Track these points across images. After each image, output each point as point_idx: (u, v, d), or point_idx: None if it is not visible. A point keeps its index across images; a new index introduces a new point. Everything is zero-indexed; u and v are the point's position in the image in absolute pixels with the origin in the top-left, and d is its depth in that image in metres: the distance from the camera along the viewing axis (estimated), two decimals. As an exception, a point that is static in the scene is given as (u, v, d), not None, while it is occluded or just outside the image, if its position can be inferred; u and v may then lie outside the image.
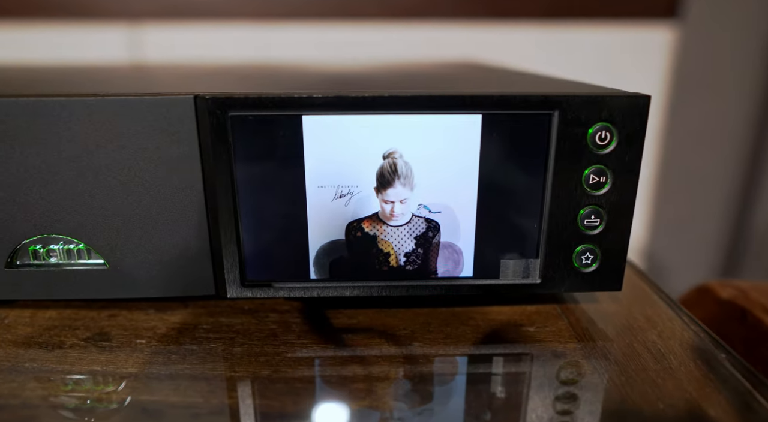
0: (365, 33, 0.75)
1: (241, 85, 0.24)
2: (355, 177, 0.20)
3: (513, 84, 0.26)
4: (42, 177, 0.20)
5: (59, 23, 0.74)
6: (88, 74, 0.31)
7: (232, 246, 0.21)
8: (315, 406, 0.18)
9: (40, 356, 0.21)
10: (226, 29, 0.75)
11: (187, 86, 0.22)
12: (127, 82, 0.26)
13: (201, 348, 0.22)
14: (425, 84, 0.26)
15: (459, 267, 0.22)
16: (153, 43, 0.76)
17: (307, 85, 0.25)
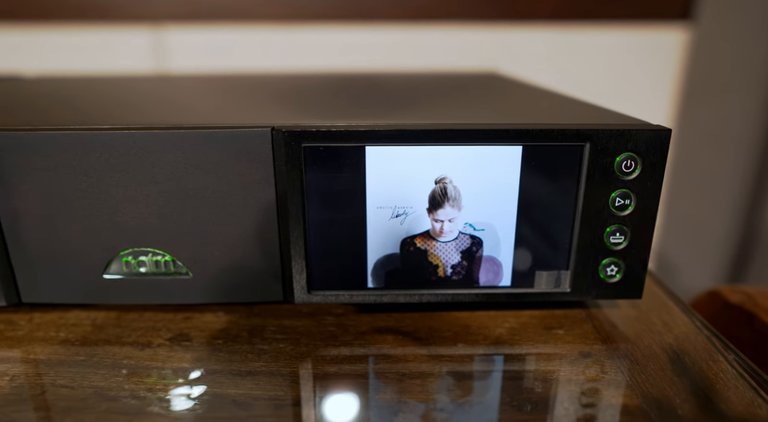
0: (382, 34, 0.77)
1: (309, 113, 0.26)
2: (410, 199, 0.23)
3: (543, 110, 0.28)
4: (136, 199, 0.23)
5: (83, 26, 0.77)
6: (168, 100, 0.34)
7: (301, 259, 0.24)
8: (372, 398, 0.21)
9: (134, 354, 0.24)
10: (246, 32, 0.77)
11: (262, 116, 0.25)
12: (207, 109, 0.29)
13: (271, 348, 0.25)
14: (464, 110, 0.28)
15: (498, 278, 0.25)
16: (176, 45, 0.78)
17: (365, 108, 0.28)
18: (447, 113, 0.28)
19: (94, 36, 0.77)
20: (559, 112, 0.27)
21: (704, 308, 0.30)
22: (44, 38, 0.77)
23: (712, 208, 0.78)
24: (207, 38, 0.78)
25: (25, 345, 0.25)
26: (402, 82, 0.44)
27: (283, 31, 0.78)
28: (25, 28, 0.78)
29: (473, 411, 0.21)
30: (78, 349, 0.24)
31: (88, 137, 0.22)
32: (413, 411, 0.21)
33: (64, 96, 0.35)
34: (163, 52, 0.79)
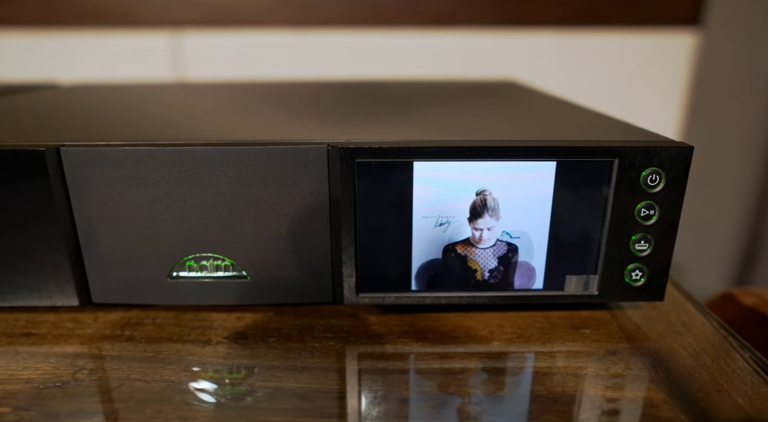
0: (398, 40, 0.79)
1: (360, 129, 0.28)
2: (453, 209, 0.25)
3: (572, 125, 0.30)
4: (201, 208, 0.25)
5: (106, 30, 0.79)
6: (222, 113, 0.36)
7: (351, 263, 0.26)
8: (415, 392, 0.23)
9: (197, 351, 0.26)
10: (263, 36, 0.79)
11: (318, 132, 0.27)
12: (262, 123, 0.31)
13: (322, 346, 0.27)
14: (495, 124, 0.31)
15: (532, 281, 0.27)
16: (194, 49, 0.80)
17: (401, 119, 0.30)
18: (482, 127, 0.30)
19: (114, 40, 0.79)
20: (587, 127, 0.29)
21: (719, 310, 0.33)
22: (67, 43, 0.79)
23: (718, 211, 0.80)
24: (224, 42, 0.79)
25: (95, 342, 0.27)
26: (426, 91, 0.46)
27: (299, 36, 0.79)
28: (50, 33, 0.80)
29: (512, 403, 0.23)
30: (145, 346, 0.26)
31: (160, 152, 0.24)
32: (451, 404, 0.23)
33: (119, 108, 0.38)
34: (181, 56, 0.81)
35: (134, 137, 0.26)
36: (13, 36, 0.78)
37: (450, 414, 0.22)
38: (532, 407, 0.23)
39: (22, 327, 0.28)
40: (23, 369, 0.25)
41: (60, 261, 0.26)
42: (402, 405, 0.23)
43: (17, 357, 0.26)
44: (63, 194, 0.25)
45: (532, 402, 0.23)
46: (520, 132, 0.28)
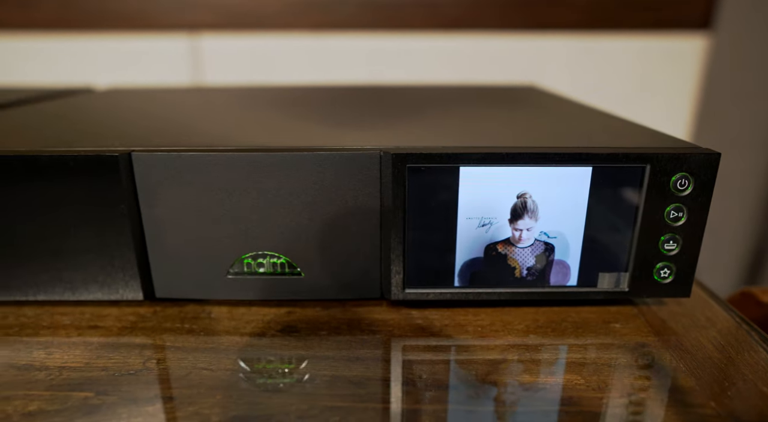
0: (413, 42, 0.81)
1: (401, 134, 0.30)
2: (495, 211, 0.27)
3: (601, 131, 0.32)
4: (259, 209, 0.27)
5: (126, 33, 0.81)
6: (272, 118, 0.38)
7: (399, 261, 0.28)
8: (457, 380, 0.25)
9: (254, 342, 0.28)
10: (281, 39, 0.81)
11: (364, 137, 0.29)
12: (311, 131, 0.33)
13: (371, 338, 0.29)
14: (527, 129, 0.32)
15: (567, 278, 0.29)
16: (212, 52, 0.82)
17: (448, 130, 0.32)
18: (515, 132, 0.32)
19: (136, 42, 0.81)
20: (617, 134, 0.31)
21: (738, 307, 0.34)
22: (86, 46, 0.81)
23: (727, 213, 0.82)
24: (242, 45, 0.81)
25: (158, 334, 0.29)
26: (449, 95, 0.48)
27: (315, 39, 0.81)
28: (69, 36, 0.81)
29: (548, 390, 0.24)
30: (205, 338, 0.28)
31: (224, 158, 0.26)
32: (491, 391, 0.25)
33: (171, 112, 0.39)
34: (199, 59, 0.83)
35: (197, 143, 0.28)
36: (33, 39, 0.80)
37: (490, 400, 0.24)
38: (568, 394, 0.24)
39: (88, 320, 0.30)
40: (98, 358, 0.27)
41: (127, 258, 0.28)
42: (445, 391, 0.25)
43: (89, 348, 0.28)
44: (132, 196, 0.27)
45: (569, 389, 0.25)
46: (553, 138, 0.30)
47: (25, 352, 0.27)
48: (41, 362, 0.26)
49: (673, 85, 0.81)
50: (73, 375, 0.25)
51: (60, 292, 0.29)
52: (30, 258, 0.28)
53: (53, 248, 0.28)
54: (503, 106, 0.42)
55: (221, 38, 0.80)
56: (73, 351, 0.27)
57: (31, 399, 0.24)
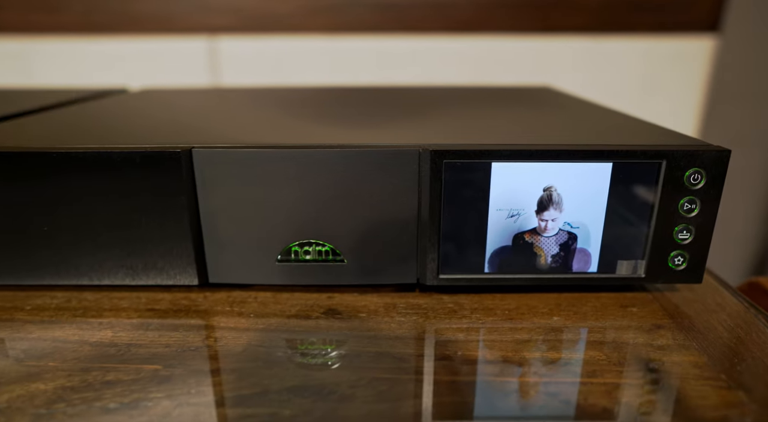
0: (422, 44, 0.83)
1: (441, 134, 0.33)
2: (523, 203, 0.30)
3: (618, 130, 0.35)
4: (307, 201, 0.30)
5: (148, 35, 0.84)
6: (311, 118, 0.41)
7: (434, 249, 0.30)
8: (487, 356, 0.28)
9: (301, 324, 0.31)
10: (296, 41, 0.84)
11: (409, 137, 0.31)
12: (349, 128, 0.35)
13: (408, 320, 0.31)
14: (550, 128, 0.35)
15: (588, 265, 0.31)
16: (228, 53, 0.85)
17: (474, 127, 0.35)
18: (537, 130, 0.34)
19: (157, 44, 0.84)
20: (634, 132, 0.33)
21: (746, 295, 0.37)
22: (113, 46, 0.84)
23: (733, 212, 0.84)
24: (258, 47, 0.84)
25: (211, 316, 0.31)
26: (468, 95, 0.51)
27: (328, 41, 0.84)
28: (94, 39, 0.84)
29: (572, 366, 0.27)
30: (255, 320, 0.31)
31: (277, 154, 0.29)
32: (519, 367, 0.27)
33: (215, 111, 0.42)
34: (217, 60, 0.85)
35: (250, 140, 0.30)
36: (59, 42, 0.83)
37: (520, 373, 0.26)
38: (592, 368, 0.27)
39: (144, 304, 0.33)
40: (159, 337, 0.29)
41: (185, 246, 0.30)
42: (479, 365, 0.27)
43: (150, 327, 0.30)
44: (191, 189, 0.29)
45: (592, 364, 0.27)
46: (575, 136, 0.32)
47: (94, 331, 0.30)
48: (110, 340, 0.29)
49: (680, 86, 0.83)
50: (140, 351, 0.28)
51: (121, 277, 0.31)
52: (97, 246, 0.30)
53: (120, 237, 0.30)
54: (523, 106, 0.45)
55: (237, 40, 0.83)
56: (137, 330, 0.30)
57: (108, 371, 0.26)
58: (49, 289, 0.34)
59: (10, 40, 0.83)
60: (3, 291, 0.34)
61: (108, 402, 0.24)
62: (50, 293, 0.34)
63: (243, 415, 0.23)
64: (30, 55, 0.84)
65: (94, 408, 0.24)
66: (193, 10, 0.83)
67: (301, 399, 0.24)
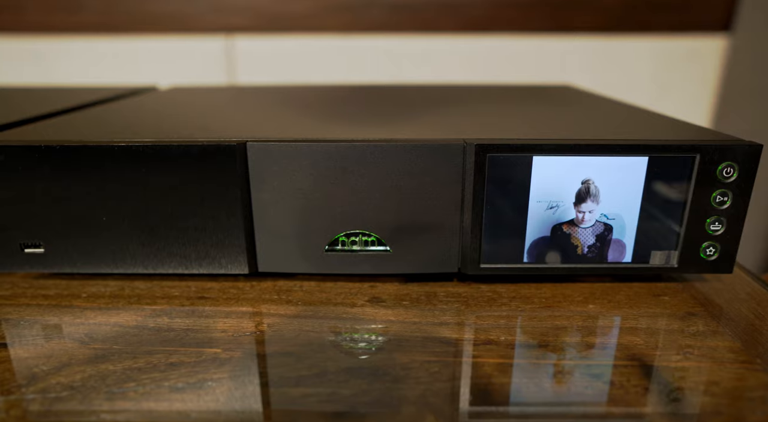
0: (438, 43, 0.84)
1: (480, 129, 0.34)
2: (562, 195, 0.31)
3: (648, 125, 0.36)
4: (354, 193, 0.31)
5: (165, 35, 0.85)
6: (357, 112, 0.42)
7: (476, 240, 0.32)
8: (529, 340, 0.29)
9: (348, 310, 0.32)
10: (310, 40, 0.85)
11: (450, 131, 0.33)
12: (400, 126, 0.36)
13: (449, 307, 0.32)
14: (585, 124, 0.36)
15: (623, 256, 0.32)
16: (246, 53, 0.86)
17: (510, 124, 0.36)
18: (571, 126, 0.36)
19: (175, 43, 0.85)
20: (667, 128, 0.35)
21: None
22: (133, 46, 0.85)
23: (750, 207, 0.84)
24: (273, 46, 0.85)
25: (260, 304, 0.33)
26: (492, 94, 0.52)
27: (344, 40, 0.85)
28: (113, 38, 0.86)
29: (616, 348, 0.28)
30: (304, 308, 0.32)
31: (328, 147, 0.30)
32: (560, 350, 0.28)
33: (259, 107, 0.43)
34: (234, 59, 0.87)
35: (298, 134, 0.32)
36: (79, 41, 0.84)
37: (562, 355, 0.28)
38: (631, 352, 0.28)
39: (194, 292, 0.34)
40: (215, 323, 0.31)
41: (237, 236, 0.32)
42: (522, 349, 0.28)
43: (203, 315, 0.31)
44: (245, 181, 0.31)
45: (630, 348, 0.28)
46: (610, 131, 0.34)
47: (151, 318, 0.31)
48: (167, 325, 0.30)
49: (692, 85, 0.84)
50: (198, 336, 0.29)
51: (174, 266, 0.33)
52: (153, 236, 0.32)
53: (175, 227, 0.31)
54: (551, 103, 0.46)
55: (254, 39, 0.84)
56: (191, 317, 0.31)
57: (170, 354, 0.28)
58: (102, 278, 0.35)
59: (32, 39, 0.84)
60: (57, 279, 0.35)
61: (175, 382, 0.26)
62: (103, 282, 0.35)
63: (305, 394, 0.25)
64: (50, 54, 0.85)
65: (162, 388, 0.25)
66: (209, 10, 0.84)
67: (358, 380, 0.26)
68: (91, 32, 0.84)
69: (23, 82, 0.85)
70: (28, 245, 0.32)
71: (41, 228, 0.32)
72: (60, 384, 0.25)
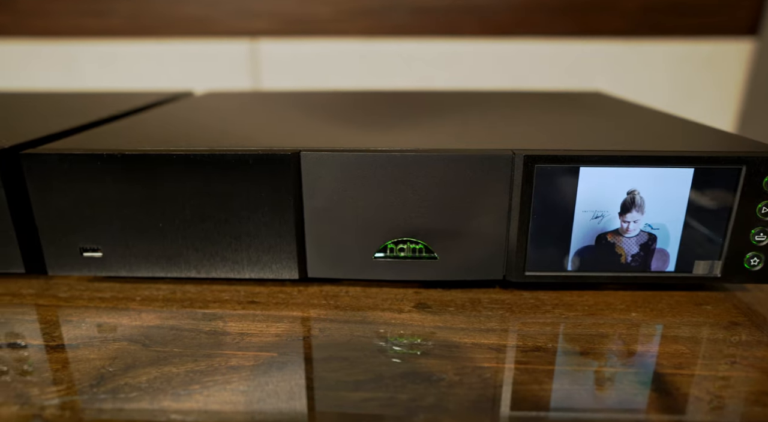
0: (461, 47, 0.85)
1: (522, 138, 0.35)
2: (607, 205, 0.31)
3: (696, 135, 0.36)
4: (403, 202, 0.32)
5: (192, 39, 0.86)
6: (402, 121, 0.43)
7: (522, 248, 0.32)
8: (578, 348, 0.30)
9: (396, 316, 0.33)
10: (333, 44, 0.86)
11: (498, 140, 0.33)
12: (452, 137, 0.37)
13: (494, 314, 0.33)
14: (631, 136, 0.37)
15: (666, 265, 0.33)
16: (270, 57, 0.87)
17: (565, 136, 0.36)
18: (616, 135, 0.36)
19: (201, 46, 0.86)
20: (711, 139, 0.35)
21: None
22: (161, 48, 0.87)
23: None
24: (297, 50, 0.86)
25: (309, 309, 0.34)
26: (524, 101, 0.53)
27: (367, 44, 0.86)
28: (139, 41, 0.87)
29: (662, 356, 0.29)
30: (352, 313, 0.33)
31: (379, 157, 0.31)
32: (604, 362, 0.29)
33: (307, 115, 0.44)
34: (258, 63, 0.88)
35: (350, 143, 0.33)
36: (108, 45, 0.86)
37: (611, 363, 0.28)
38: (678, 360, 0.29)
39: (244, 297, 0.35)
40: (267, 327, 0.31)
41: (288, 242, 0.33)
42: (570, 356, 0.29)
43: (256, 319, 0.32)
44: (298, 188, 0.32)
45: (676, 357, 0.29)
46: (654, 141, 0.34)
47: (205, 321, 0.32)
48: (222, 329, 0.31)
49: (717, 90, 0.84)
50: (253, 340, 0.30)
51: (226, 271, 0.34)
52: (207, 241, 0.33)
53: (228, 233, 0.32)
54: (585, 111, 0.47)
55: (277, 43, 0.85)
56: (244, 321, 0.32)
57: (229, 357, 0.29)
58: (153, 281, 0.37)
59: (61, 43, 0.86)
60: (111, 282, 0.36)
61: (237, 384, 0.26)
62: (155, 285, 0.36)
63: (364, 398, 0.25)
64: (80, 57, 0.87)
65: (226, 390, 0.26)
66: (234, 14, 0.86)
67: (414, 385, 0.26)
68: (119, 36, 0.86)
69: (54, 87, 0.87)
70: (87, 249, 0.33)
71: (100, 233, 0.33)
72: (128, 385, 0.26)
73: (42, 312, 0.33)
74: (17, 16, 0.87)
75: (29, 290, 0.36)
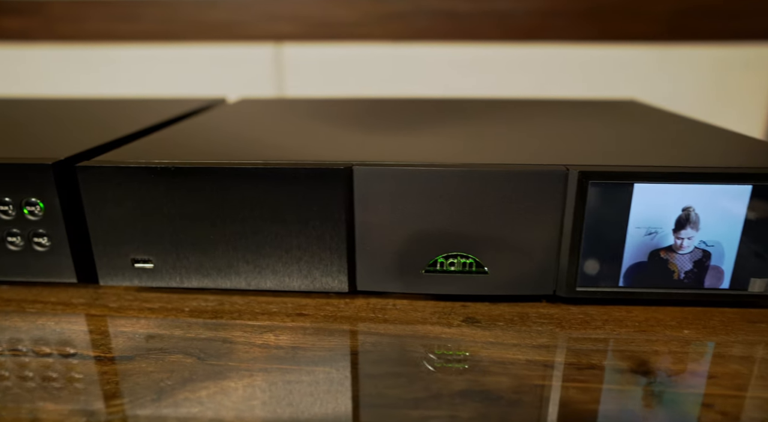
0: (487, 52, 0.84)
1: (579, 153, 0.35)
2: (661, 221, 0.31)
3: (749, 149, 0.36)
4: (455, 216, 0.32)
5: (218, 43, 0.87)
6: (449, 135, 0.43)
7: (573, 264, 0.32)
8: (623, 367, 0.29)
9: (447, 330, 0.33)
10: (359, 48, 0.86)
11: (548, 155, 0.33)
12: (502, 150, 0.37)
13: (544, 329, 0.33)
14: (683, 151, 0.36)
15: (720, 282, 0.32)
16: (295, 61, 0.87)
17: (598, 146, 0.36)
18: (666, 150, 0.36)
19: (227, 50, 0.87)
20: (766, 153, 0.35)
21: None
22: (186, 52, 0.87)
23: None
24: (322, 54, 0.86)
25: (357, 322, 0.34)
26: (558, 110, 0.52)
27: (393, 49, 0.85)
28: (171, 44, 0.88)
29: (723, 377, 0.28)
30: (402, 326, 0.33)
31: (429, 172, 0.31)
32: (663, 381, 0.29)
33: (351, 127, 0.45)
34: (283, 67, 0.88)
35: (399, 156, 0.33)
36: (136, 48, 0.86)
37: (668, 385, 0.28)
38: (739, 381, 0.28)
39: (292, 308, 0.35)
40: (319, 340, 0.32)
41: (338, 255, 0.33)
42: (628, 375, 0.29)
43: (307, 332, 0.32)
44: (350, 203, 0.32)
45: (738, 377, 0.29)
46: (708, 157, 0.34)
47: (256, 334, 0.32)
48: (274, 342, 0.31)
49: (750, 96, 0.83)
50: (306, 354, 0.30)
51: (276, 283, 0.34)
52: (258, 254, 0.33)
53: (280, 246, 0.33)
54: (625, 122, 0.46)
55: (302, 47, 0.86)
56: (295, 333, 0.32)
57: (285, 372, 0.29)
58: (200, 292, 0.37)
59: (95, 47, 0.87)
60: (159, 293, 0.37)
61: (298, 401, 0.26)
62: (202, 296, 0.36)
63: (425, 416, 0.25)
64: (109, 62, 0.88)
65: (291, 406, 0.26)
66: (262, 18, 0.86)
67: (474, 403, 0.26)
68: (147, 40, 0.86)
69: (83, 92, 0.88)
70: (139, 260, 0.34)
71: (152, 244, 0.33)
72: (188, 400, 0.26)
73: (95, 322, 0.33)
74: (47, 21, 0.88)
75: (80, 299, 0.36)
